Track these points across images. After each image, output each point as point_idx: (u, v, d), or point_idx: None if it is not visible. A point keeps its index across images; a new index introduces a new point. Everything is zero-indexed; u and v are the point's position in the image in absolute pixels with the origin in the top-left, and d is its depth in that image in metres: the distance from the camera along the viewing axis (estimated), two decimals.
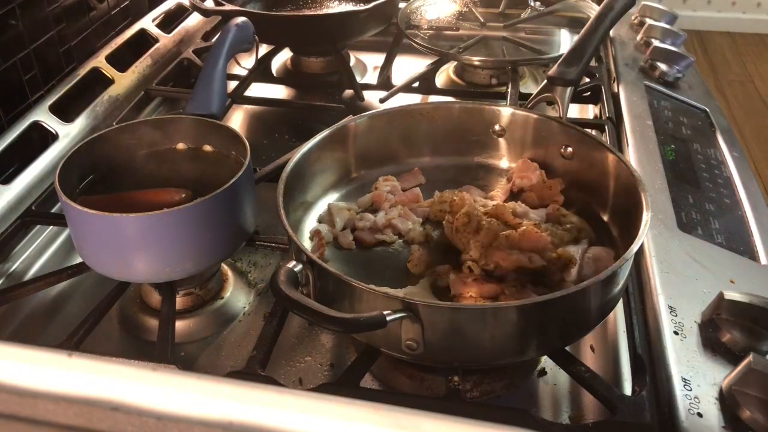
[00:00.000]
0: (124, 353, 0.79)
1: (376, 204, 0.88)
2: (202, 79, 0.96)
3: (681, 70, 1.22)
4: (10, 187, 0.94)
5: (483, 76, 1.32)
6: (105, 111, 1.14)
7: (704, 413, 0.60)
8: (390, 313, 0.60)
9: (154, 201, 0.75)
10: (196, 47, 1.36)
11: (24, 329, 0.83)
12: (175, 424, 0.33)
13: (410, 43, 1.28)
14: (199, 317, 0.82)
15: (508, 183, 0.91)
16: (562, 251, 0.73)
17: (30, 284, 0.81)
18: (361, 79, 1.33)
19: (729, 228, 0.87)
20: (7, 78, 1.05)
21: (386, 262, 0.82)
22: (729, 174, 1.00)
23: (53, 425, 0.34)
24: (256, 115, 1.28)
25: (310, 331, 0.81)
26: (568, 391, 0.74)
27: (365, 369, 0.70)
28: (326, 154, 0.88)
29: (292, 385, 0.74)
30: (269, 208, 0.76)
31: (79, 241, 0.76)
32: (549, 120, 0.91)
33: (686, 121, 1.12)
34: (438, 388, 0.73)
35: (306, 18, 1.32)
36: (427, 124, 0.95)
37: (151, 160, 0.86)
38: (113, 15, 1.33)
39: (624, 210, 0.79)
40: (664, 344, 0.68)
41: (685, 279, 0.76)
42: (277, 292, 0.61)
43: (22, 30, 1.07)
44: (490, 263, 0.73)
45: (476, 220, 0.76)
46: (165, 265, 0.74)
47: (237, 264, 0.91)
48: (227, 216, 0.75)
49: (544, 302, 0.63)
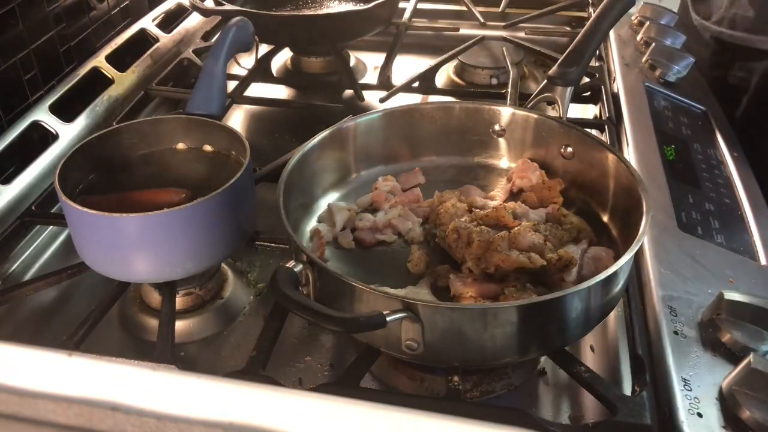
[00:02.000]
0: (124, 353, 0.79)
1: (376, 204, 0.88)
2: (202, 79, 0.96)
3: (681, 70, 1.22)
4: (10, 187, 0.94)
5: (483, 76, 1.32)
6: (105, 111, 1.14)
7: (704, 413, 0.60)
8: (390, 313, 0.60)
9: (154, 201, 0.75)
10: (196, 47, 1.36)
11: (24, 329, 0.83)
12: (175, 424, 0.33)
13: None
14: (199, 317, 0.82)
15: (508, 183, 0.91)
16: (562, 252, 0.73)
17: (30, 284, 0.81)
18: (361, 79, 1.33)
19: (729, 228, 0.87)
20: (7, 78, 1.05)
21: (386, 262, 0.81)
22: (729, 174, 1.00)
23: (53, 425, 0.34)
24: (256, 115, 1.28)
25: (310, 331, 0.81)
26: (568, 391, 0.74)
27: (365, 369, 0.70)
28: (326, 154, 0.88)
29: (292, 385, 0.74)
30: (269, 208, 0.76)
31: (79, 241, 0.76)
32: (549, 120, 0.91)
33: (686, 121, 1.12)
34: (438, 388, 0.73)
35: (306, 18, 1.32)
36: (427, 124, 0.95)
37: (151, 160, 0.86)
38: (113, 15, 1.33)
39: (624, 210, 0.79)
40: (664, 344, 0.68)
41: (685, 279, 0.76)
42: (277, 292, 0.61)
43: (22, 30, 1.07)
44: (490, 266, 0.73)
45: (466, 234, 0.76)
46: (165, 265, 0.74)
47: (237, 264, 0.91)
48: (227, 216, 0.75)
49: (544, 302, 0.63)
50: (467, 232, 0.76)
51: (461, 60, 1.33)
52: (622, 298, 0.76)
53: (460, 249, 0.76)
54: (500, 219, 0.79)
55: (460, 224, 0.77)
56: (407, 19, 1.48)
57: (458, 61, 1.34)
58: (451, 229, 0.77)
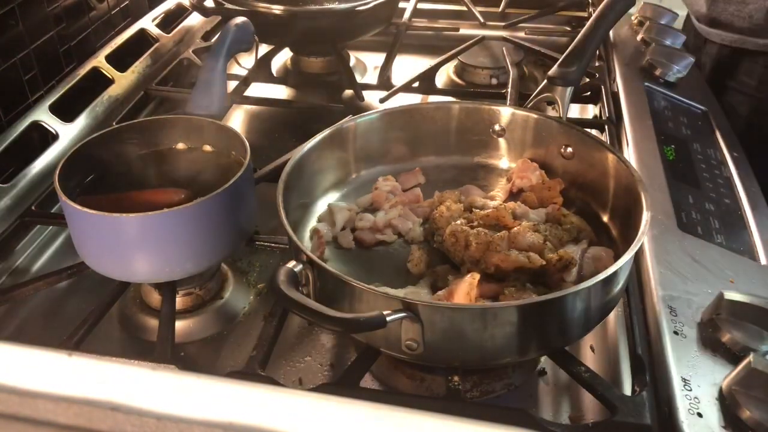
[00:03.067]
0: (124, 353, 0.79)
1: (376, 204, 0.88)
2: (201, 79, 0.96)
3: (681, 70, 1.22)
4: (10, 187, 0.94)
5: (483, 76, 1.32)
6: (105, 111, 1.14)
7: (704, 413, 0.60)
8: (390, 313, 0.60)
9: (154, 201, 0.75)
10: (196, 47, 1.36)
11: (24, 329, 0.83)
12: (175, 424, 0.33)
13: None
14: (199, 317, 0.82)
15: (508, 183, 0.91)
16: (562, 252, 0.73)
17: (30, 284, 0.81)
18: (361, 79, 1.33)
19: (729, 228, 0.87)
20: (7, 78, 1.05)
21: (386, 262, 0.81)
22: (729, 174, 1.00)
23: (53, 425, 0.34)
24: (256, 115, 1.28)
25: (310, 331, 0.81)
26: (568, 391, 0.74)
27: (365, 369, 0.70)
28: (326, 154, 0.88)
29: (292, 385, 0.74)
30: (269, 208, 0.76)
31: (79, 241, 0.76)
32: (549, 120, 0.91)
33: (686, 121, 1.12)
34: (438, 388, 0.73)
35: (306, 13, 1.30)
36: (427, 124, 0.95)
37: (151, 160, 0.86)
38: (113, 15, 1.33)
39: (624, 210, 0.79)
40: (664, 344, 0.68)
41: (685, 279, 0.76)
42: (277, 292, 0.61)
43: (22, 30, 1.07)
44: (490, 267, 0.73)
45: (463, 237, 0.76)
46: (165, 265, 0.74)
47: (237, 264, 0.91)
48: (227, 216, 0.75)
49: (544, 302, 0.63)
50: (464, 235, 0.76)
51: (461, 60, 1.33)
52: (622, 298, 0.76)
53: (458, 252, 0.76)
54: (500, 219, 0.79)
55: (457, 228, 0.77)
56: (407, 19, 1.48)
57: (458, 61, 1.34)
58: (448, 233, 0.77)
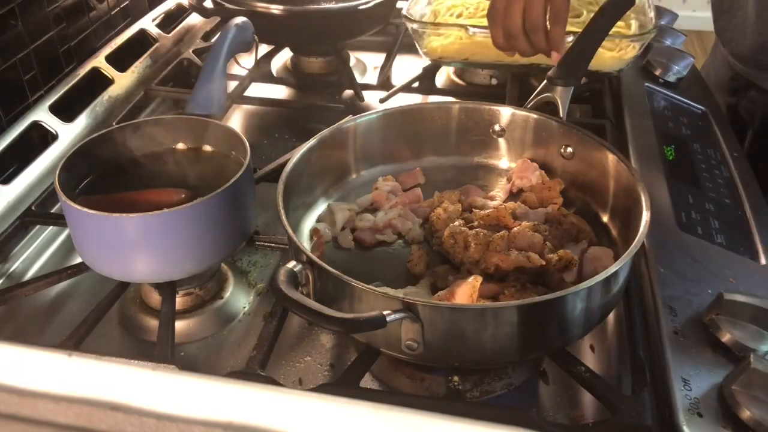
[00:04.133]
0: (124, 353, 0.79)
1: (376, 204, 0.88)
2: (201, 79, 0.96)
3: (681, 70, 1.22)
4: (10, 187, 0.94)
5: (483, 76, 1.32)
6: (105, 111, 1.14)
7: (704, 413, 0.60)
8: (390, 313, 0.60)
9: (154, 201, 0.75)
10: (196, 47, 1.36)
11: (24, 329, 0.83)
12: (175, 424, 0.33)
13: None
14: (199, 317, 0.82)
15: (508, 183, 0.91)
16: (562, 253, 0.73)
17: (30, 284, 0.81)
18: (361, 79, 1.33)
19: (729, 228, 0.87)
20: (7, 78, 1.05)
21: (386, 262, 0.81)
22: (729, 174, 1.00)
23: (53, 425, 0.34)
24: (256, 115, 1.28)
25: (310, 331, 0.81)
26: (568, 391, 0.74)
27: (365, 369, 0.70)
28: (326, 154, 0.88)
29: (292, 385, 0.74)
30: (269, 208, 0.76)
31: (79, 241, 0.76)
32: (549, 120, 0.91)
33: (686, 121, 1.12)
34: (438, 388, 0.73)
35: (306, 12, 1.30)
36: (427, 124, 0.95)
37: (151, 160, 0.86)
38: (113, 15, 1.33)
39: (624, 210, 0.79)
40: (664, 344, 0.67)
41: (685, 279, 0.76)
42: (277, 292, 0.61)
43: (22, 30, 1.07)
44: (489, 267, 0.73)
45: (462, 238, 0.76)
46: (165, 265, 0.74)
47: (237, 264, 0.91)
48: (227, 216, 0.75)
49: (544, 302, 0.63)
50: (463, 237, 0.76)
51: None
52: (622, 298, 0.76)
53: (458, 253, 0.76)
54: (500, 219, 0.79)
55: (456, 229, 0.77)
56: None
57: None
58: (447, 234, 0.77)
